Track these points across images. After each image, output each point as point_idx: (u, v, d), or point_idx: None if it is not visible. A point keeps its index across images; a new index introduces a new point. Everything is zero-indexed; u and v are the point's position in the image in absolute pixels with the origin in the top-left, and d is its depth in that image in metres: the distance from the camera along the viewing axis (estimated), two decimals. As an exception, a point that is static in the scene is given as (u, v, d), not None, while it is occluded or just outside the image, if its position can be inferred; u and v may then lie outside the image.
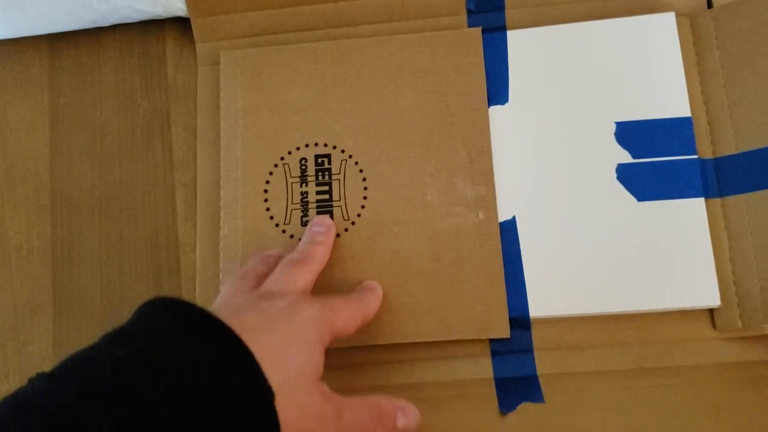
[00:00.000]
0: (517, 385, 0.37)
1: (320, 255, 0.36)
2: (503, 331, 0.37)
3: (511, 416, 0.36)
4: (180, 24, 0.45)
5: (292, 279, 0.34)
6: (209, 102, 0.43)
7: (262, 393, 0.27)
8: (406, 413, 0.33)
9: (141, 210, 0.43)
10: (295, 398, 0.28)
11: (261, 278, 0.35)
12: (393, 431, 0.32)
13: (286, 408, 0.27)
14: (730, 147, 0.39)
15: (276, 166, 0.41)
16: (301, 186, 0.40)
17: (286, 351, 0.29)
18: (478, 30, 0.41)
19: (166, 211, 0.43)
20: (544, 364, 0.38)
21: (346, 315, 0.33)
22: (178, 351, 0.26)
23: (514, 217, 0.39)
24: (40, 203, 0.44)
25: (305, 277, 0.34)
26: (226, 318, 0.28)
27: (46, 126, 0.46)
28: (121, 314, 0.29)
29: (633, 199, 0.39)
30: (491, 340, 0.38)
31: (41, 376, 0.25)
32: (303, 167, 0.41)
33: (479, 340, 0.38)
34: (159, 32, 0.46)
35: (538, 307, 0.38)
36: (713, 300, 0.37)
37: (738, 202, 0.38)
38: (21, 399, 0.24)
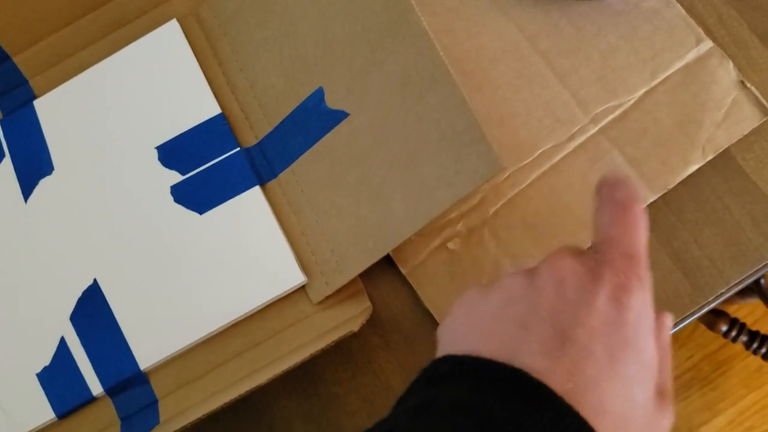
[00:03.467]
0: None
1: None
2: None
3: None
4: None
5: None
6: None
7: None
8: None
9: None
10: None
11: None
12: None
13: None
14: (265, 126, 0.39)
15: None
16: None
17: None
18: None
19: None
20: (166, 408, 0.37)
21: None
22: None
23: (95, 280, 0.38)
24: None
25: None
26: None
27: None
28: None
29: (196, 214, 0.38)
30: (116, 407, 0.37)
31: None
32: None
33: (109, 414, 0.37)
34: None
35: (147, 356, 0.37)
36: (298, 278, 0.37)
37: (288, 176, 0.38)
38: None
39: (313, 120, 0.37)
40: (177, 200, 0.38)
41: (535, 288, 0.26)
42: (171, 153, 0.39)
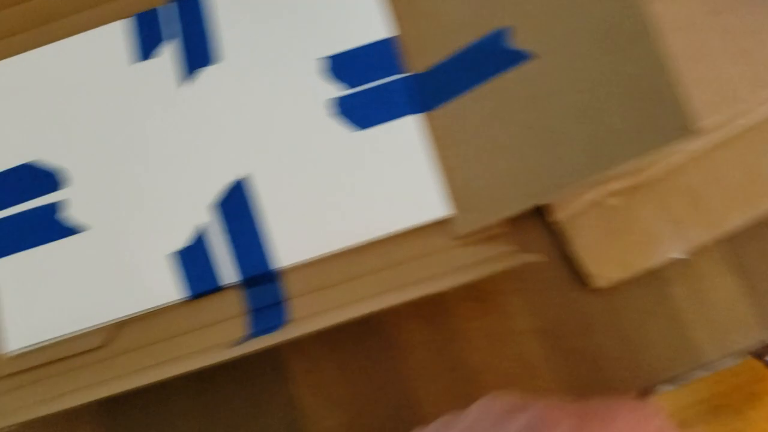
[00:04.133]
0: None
1: None
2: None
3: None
4: None
5: None
6: None
7: None
8: None
9: None
10: None
11: None
12: None
13: None
14: (438, 55, 0.39)
15: None
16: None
17: None
18: None
19: None
20: (299, 309, 0.38)
21: None
22: None
23: (245, 174, 0.39)
24: None
25: None
26: None
27: None
28: None
29: (349, 129, 0.39)
30: (247, 299, 0.38)
31: None
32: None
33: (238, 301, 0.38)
34: None
35: (284, 256, 0.38)
36: (443, 210, 0.37)
37: (452, 108, 0.38)
38: None
39: (491, 57, 0.37)
40: (335, 113, 0.39)
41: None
42: (337, 66, 0.39)
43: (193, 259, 0.38)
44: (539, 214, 0.38)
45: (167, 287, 0.38)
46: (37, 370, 0.39)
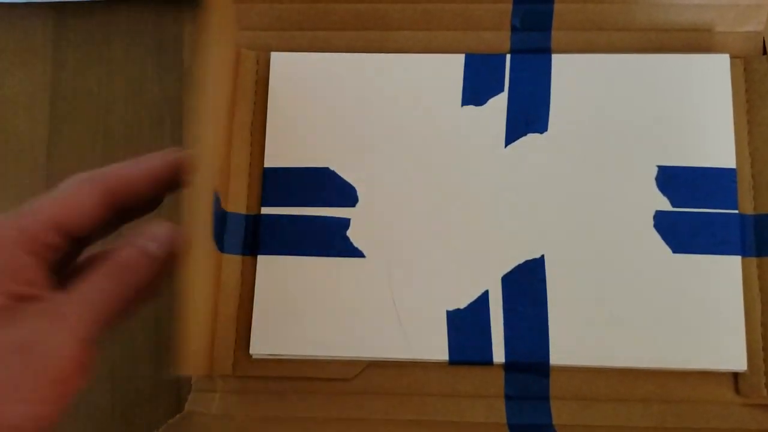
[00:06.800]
0: (532, 433, 0.36)
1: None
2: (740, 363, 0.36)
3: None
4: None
5: None
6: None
7: None
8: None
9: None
10: None
11: None
12: None
13: None
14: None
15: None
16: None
17: None
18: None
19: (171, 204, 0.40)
20: (560, 413, 0.36)
21: None
22: None
23: (542, 256, 0.37)
24: (33, 186, 0.41)
25: None
26: None
27: (45, 102, 0.42)
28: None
29: (668, 249, 0.37)
30: (506, 383, 0.37)
31: None
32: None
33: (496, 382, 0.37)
34: (176, 14, 0.42)
35: (558, 354, 0.36)
36: (739, 364, 0.36)
37: (773, 263, 0.37)
38: None
39: None
40: (656, 227, 0.37)
41: None
42: (670, 179, 0.38)
43: (468, 324, 0.37)
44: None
45: (436, 344, 0.37)
46: (274, 381, 0.37)
